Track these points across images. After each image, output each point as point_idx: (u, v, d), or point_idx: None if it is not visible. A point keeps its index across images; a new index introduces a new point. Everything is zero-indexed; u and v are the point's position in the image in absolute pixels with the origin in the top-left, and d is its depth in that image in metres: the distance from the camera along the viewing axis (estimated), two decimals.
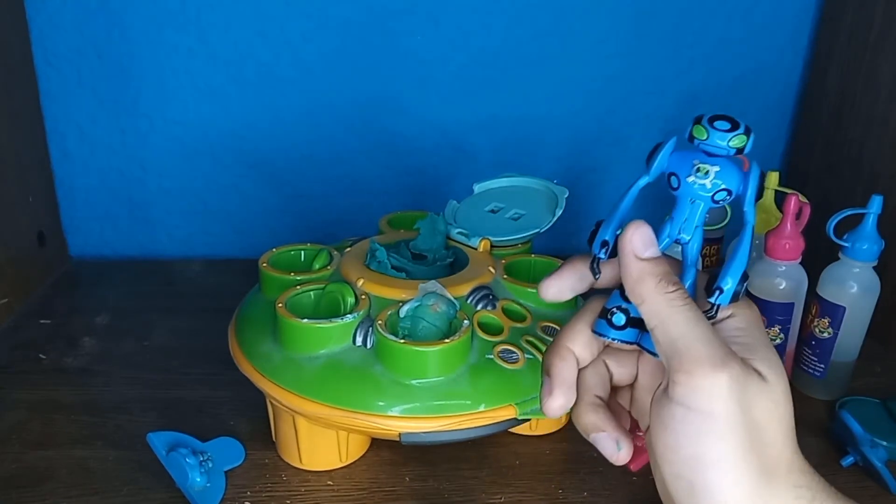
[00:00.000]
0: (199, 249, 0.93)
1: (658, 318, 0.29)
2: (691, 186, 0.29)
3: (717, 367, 0.27)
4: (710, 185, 0.29)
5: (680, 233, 0.30)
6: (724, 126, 0.28)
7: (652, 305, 0.29)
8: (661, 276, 0.29)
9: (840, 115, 0.82)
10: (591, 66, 0.88)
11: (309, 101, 0.87)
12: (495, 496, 0.51)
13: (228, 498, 0.50)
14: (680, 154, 0.30)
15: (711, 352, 0.27)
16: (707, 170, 0.29)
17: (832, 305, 0.61)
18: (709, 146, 0.28)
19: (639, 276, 0.29)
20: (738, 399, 0.27)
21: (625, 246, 0.30)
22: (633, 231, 0.29)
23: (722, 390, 0.27)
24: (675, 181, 0.30)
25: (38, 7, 0.80)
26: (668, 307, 0.29)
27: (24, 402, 0.60)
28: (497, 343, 0.49)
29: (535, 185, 0.64)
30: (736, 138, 0.28)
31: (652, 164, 0.30)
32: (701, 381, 0.27)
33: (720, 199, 0.29)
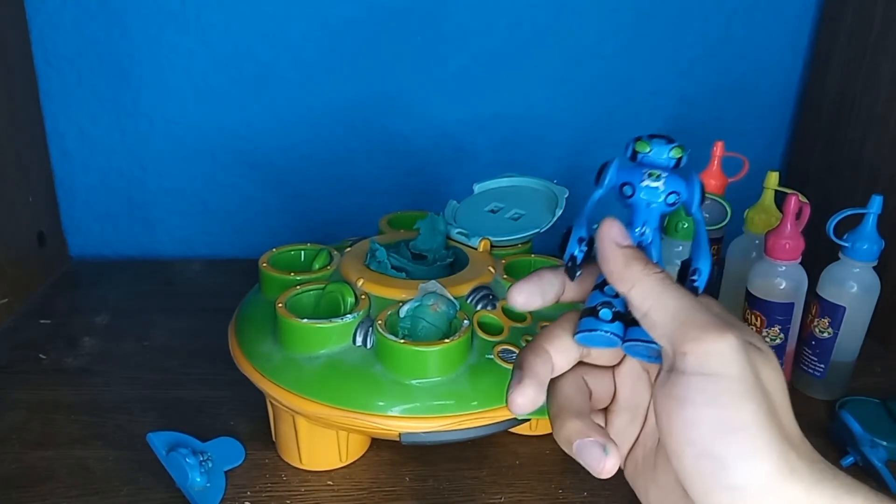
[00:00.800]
0: (199, 249, 0.93)
1: (653, 298, 0.29)
2: (646, 190, 0.31)
3: (723, 330, 0.27)
4: (663, 187, 0.31)
5: (641, 236, 0.32)
6: (662, 141, 0.31)
7: (644, 287, 0.29)
8: (644, 263, 0.30)
9: (840, 115, 0.82)
10: (592, 66, 0.88)
11: (309, 101, 0.87)
12: (495, 496, 0.51)
13: (228, 498, 0.50)
14: (628, 168, 0.32)
15: (713, 318, 0.27)
16: (658, 174, 0.31)
17: (832, 305, 0.61)
18: (651, 158, 0.31)
19: (625, 261, 0.30)
20: (748, 361, 0.27)
21: (604, 237, 0.30)
22: (611, 223, 0.30)
23: (733, 351, 0.27)
24: (630, 189, 0.32)
25: (38, 7, 0.80)
26: (660, 285, 0.29)
27: (24, 402, 0.60)
28: (497, 343, 0.49)
29: (535, 185, 0.64)
30: (675, 149, 0.31)
31: (604, 179, 0.32)
32: (712, 345, 0.27)
33: (671, 203, 0.31)
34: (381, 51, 0.85)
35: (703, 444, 0.26)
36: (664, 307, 0.28)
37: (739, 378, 0.26)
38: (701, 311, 0.28)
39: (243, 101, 0.86)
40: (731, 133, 0.92)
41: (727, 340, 0.27)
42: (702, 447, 0.26)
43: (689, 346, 0.27)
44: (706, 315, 0.28)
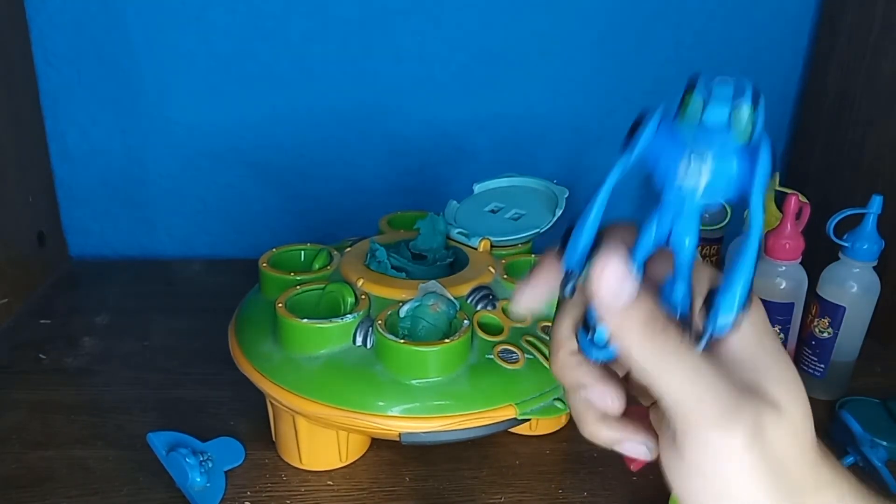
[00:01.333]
0: (199, 249, 0.93)
1: (649, 373, 0.25)
2: (680, 190, 0.23)
3: (727, 425, 0.24)
4: (703, 187, 0.23)
5: (669, 240, 0.25)
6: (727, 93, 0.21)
7: (639, 357, 0.25)
8: (643, 321, 0.24)
9: (840, 115, 0.82)
10: (591, 66, 0.88)
11: (309, 101, 0.87)
12: (495, 496, 0.51)
13: (228, 498, 0.50)
14: (666, 139, 0.23)
15: (718, 407, 0.24)
16: (700, 168, 0.22)
17: (832, 305, 0.61)
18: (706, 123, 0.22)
19: (617, 328, 0.25)
20: (754, 447, 0.24)
21: (595, 292, 0.24)
22: (602, 272, 0.24)
23: (735, 447, 0.24)
24: (659, 179, 0.24)
25: (38, 7, 0.80)
26: (658, 362, 0.24)
27: (24, 402, 0.60)
28: (497, 343, 0.49)
29: (535, 185, 0.64)
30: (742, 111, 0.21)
31: (633, 145, 0.24)
32: (711, 443, 0.24)
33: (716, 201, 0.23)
34: (381, 51, 0.85)
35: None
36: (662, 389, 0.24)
37: (740, 471, 0.24)
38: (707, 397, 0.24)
39: (243, 101, 0.86)
40: None
41: (729, 437, 0.24)
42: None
43: (687, 438, 0.25)
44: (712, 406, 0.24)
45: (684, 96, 0.22)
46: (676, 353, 0.24)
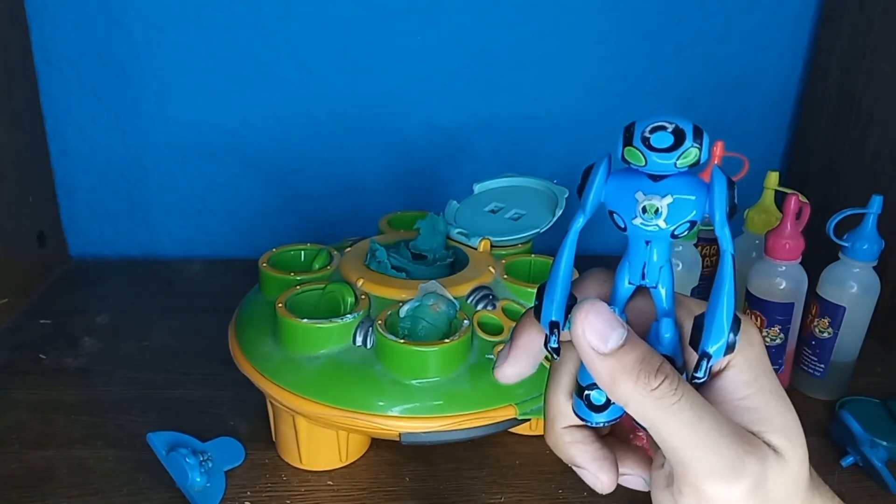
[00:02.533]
0: (199, 249, 0.93)
1: (649, 422, 0.24)
2: (641, 229, 0.23)
3: (730, 480, 0.23)
4: (666, 224, 0.22)
5: (643, 278, 0.24)
6: (664, 142, 0.21)
7: (637, 408, 0.24)
8: (637, 369, 0.23)
9: (840, 115, 0.82)
10: (591, 66, 0.88)
11: (309, 101, 0.87)
12: (495, 496, 0.51)
13: (228, 498, 0.50)
14: (618, 182, 0.23)
15: (722, 460, 0.23)
16: (657, 206, 0.22)
17: (832, 305, 0.61)
18: (654, 171, 0.22)
19: (610, 378, 0.23)
20: (756, 497, 0.23)
21: (581, 344, 0.23)
22: (583, 321, 0.23)
23: (736, 497, 0.23)
24: (620, 220, 0.23)
25: (38, 7, 0.80)
26: (657, 410, 0.23)
27: (24, 402, 0.60)
28: (497, 343, 0.49)
29: (535, 185, 0.64)
30: (686, 154, 0.21)
31: (586, 199, 0.24)
32: (714, 499, 0.23)
33: (681, 233, 0.23)
34: (381, 51, 0.85)
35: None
36: (662, 438, 0.23)
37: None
38: (710, 449, 0.23)
39: (243, 101, 0.86)
40: (731, 133, 0.92)
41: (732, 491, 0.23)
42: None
43: (686, 489, 0.24)
44: (714, 458, 0.23)
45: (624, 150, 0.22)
46: (675, 404, 0.23)
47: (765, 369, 0.26)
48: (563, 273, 0.25)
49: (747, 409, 0.25)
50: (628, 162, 0.22)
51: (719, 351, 0.23)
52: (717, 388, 0.25)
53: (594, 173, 0.24)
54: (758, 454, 0.24)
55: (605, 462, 0.27)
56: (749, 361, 0.25)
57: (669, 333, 0.25)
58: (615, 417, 0.26)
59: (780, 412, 0.25)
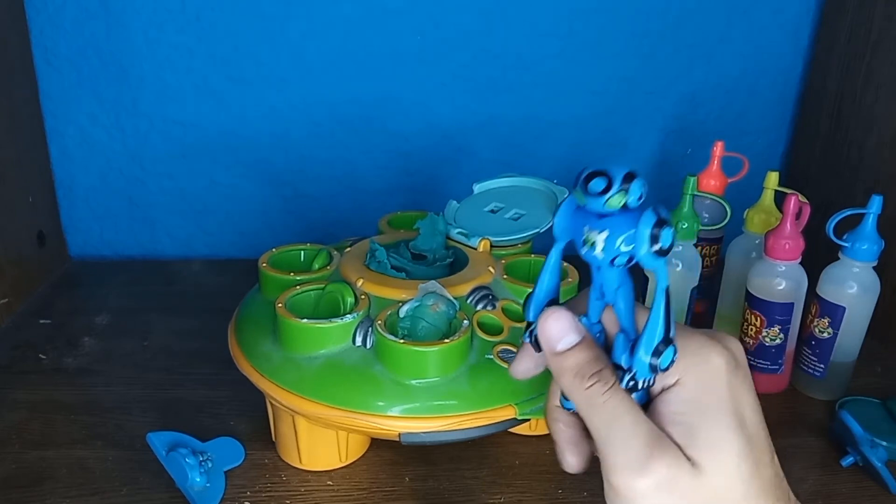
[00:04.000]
0: (199, 249, 0.93)
1: (581, 414, 0.28)
2: (587, 257, 0.27)
3: (635, 474, 0.26)
4: (603, 254, 0.26)
5: (603, 297, 0.28)
6: (597, 187, 0.25)
7: (575, 401, 0.28)
8: (576, 369, 0.27)
9: (840, 115, 0.82)
10: (591, 66, 0.88)
11: (309, 101, 0.87)
12: (495, 496, 0.51)
13: (228, 498, 0.50)
14: (577, 217, 0.27)
15: (629, 457, 0.26)
16: (594, 240, 0.26)
17: (832, 305, 0.61)
18: (593, 210, 0.26)
19: (556, 372, 0.28)
20: (664, 500, 0.26)
21: (541, 341, 0.29)
22: (543, 323, 0.28)
23: (643, 497, 0.26)
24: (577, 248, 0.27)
25: (38, 7, 0.80)
26: (585, 404, 0.27)
27: (24, 402, 0.60)
28: (497, 343, 0.49)
29: (535, 185, 0.64)
30: (612, 199, 0.25)
31: (554, 229, 0.28)
32: (620, 490, 0.26)
33: (622, 264, 0.26)
34: (381, 51, 0.85)
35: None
36: (590, 428, 0.28)
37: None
38: (622, 445, 0.26)
39: (243, 101, 0.86)
40: (731, 133, 0.92)
41: (636, 487, 0.26)
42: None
43: (606, 475, 0.27)
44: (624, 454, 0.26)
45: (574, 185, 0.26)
46: (602, 401, 0.27)
47: (713, 388, 0.28)
48: (545, 283, 0.30)
49: (677, 424, 0.28)
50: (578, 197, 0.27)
51: (642, 372, 0.27)
52: (660, 399, 0.29)
53: (561, 209, 0.28)
54: (667, 459, 0.26)
55: (575, 447, 0.31)
56: (697, 380, 0.28)
57: (622, 344, 0.29)
58: None
59: (712, 431, 0.27)
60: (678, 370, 0.28)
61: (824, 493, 0.52)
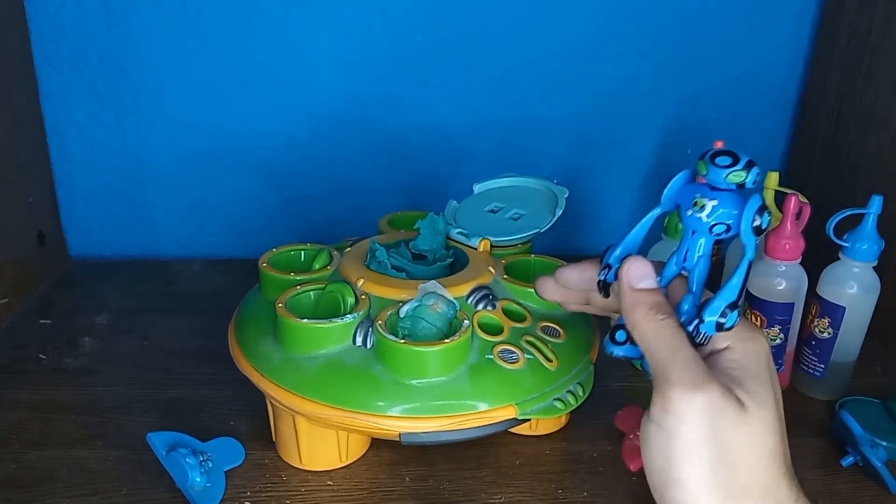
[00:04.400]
0: (199, 249, 0.93)
1: (646, 343, 0.31)
2: (691, 219, 0.31)
3: (690, 390, 0.29)
4: (707, 219, 0.30)
5: (685, 261, 0.32)
6: (724, 161, 0.29)
7: (641, 331, 0.31)
8: (651, 304, 0.31)
9: (840, 116, 0.82)
10: (591, 66, 0.88)
11: (309, 101, 0.87)
12: (495, 496, 0.51)
13: (228, 498, 0.50)
14: (689, 187, 0.32)
15: (688, 375, 0.29)
16: (704, 204, 0.30)
17: (832, 305, 0.61)
18: (711, 181, 0.30)
19: (631, 304, 0.32)
20: (709, 423, 0.29)
21: (621, 277, 0.32)
22: (630, 265, 0.32)
23: (692, 413, 0.29)
24: (681, 213, 0.32)
25: (38, 7, 0.80)
26: (653, 333, 0.31)
27: (24, 402, 0.60)
28: (497, 343, 0.49)
29: (535, 185, 0.64)
30: (734, 174, 0.29)
31: (663, 195, 0.32)
32: (673, 404, 0.29)
33: (719, 233, 0.30)
34: (381, 51, 0.85)
35: (652, 480, 0.31)
36: (652, 355, 0.31)
37: (690, 438, 0.29)
38: (682, 366, 0.29)
39: (243, 101, 0.86)
40: (730, 133, 0.92)
41: (690, 402, 0.29)
42: (652, 482, 0.31)
43: (657, 397, 0.30)
44: (683, 372, 0.29)
45: (697, 163, 0.31)
46: (669, 331, 0.31)
47: (758, 358, 0.32)
48: (629, 237, 0.34)
49: (728, 374, 0.31)
50: (698, 172, 0.31)
51: (710, 324, 0.31)
52: (713, 359, 0.32)
53: (672, 179, 0.32)
54: (720, 387, 0.29)
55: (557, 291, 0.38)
56: (745, 350, 0.32)
57: (688, 306, 0.32)
58: (626, 356, 0.33)
59: (755, 384, 0.30)
60: (729, 338, 0.32)
61: (824, 493, 0.52)
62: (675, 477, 0.29)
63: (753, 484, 0.29)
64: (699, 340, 0.31)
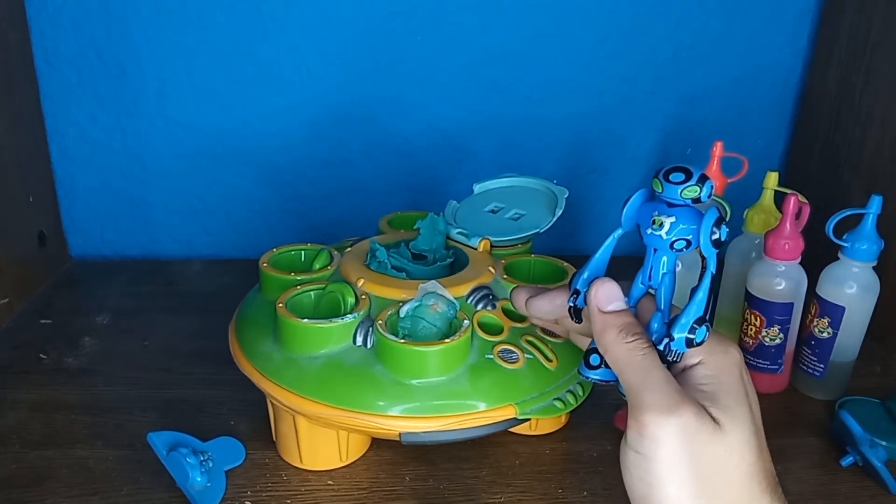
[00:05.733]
0: (199, 249, 0.93)
1: (618, 366, 0.31)
2: (651, 237, 0.31)
3: (663, 414, 0.29)
4: (666, 236, 0.30)
5: (650, 280, 0.32)
6: (677, 178, 0.29)
7: (612, 355, 0.31)
8: (620, 326, 0.31)
9: (840, 116, 0.82)
10: (591, 66, 0.88)
11: (309, 101, 0.87)
12: (495, 496, 0.51)
13: (228, 498, 0.50)
14: (647, 206, 0.32)
15: (661, 399, 0.29)
16: (662, 221, 0.30)
17: (832, 305, 0.61)
18: (667, 198, 0.30)
19: (601, 328, 0.32)
20: (684, 446, 0.28)
21: (590, 301, 0.32)
22: (597, 288, 0.32)
23: (667, 437, 0.28)
24: (642, 231, 0.32)
25: (38, 7, 0.80)
26: (625, 356, 0.31)
27: (24, 402, 0.60)
28: (497, 343, 0.49)
29: (535, 185, 0.64)
30: (688, 189, 0.29)
31: (622, 215, 0.32)
32: (648, 428, 0.29)
33: (680, 249, 0.30)
34: (381, 51, 0.85)
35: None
36: (625, 379, 0.31)
37: (668, 462, 0.29)
38: (655, 389, 0.29)
39: (243, 101, 0.86)
40: (730, 133, 0.92)
41: (665, 426, 0.28)
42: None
43: (632, 422, 0.30)
44: (656, 396, 0.29)
45: (652, 181, 0.30)
46: (640, 354, 0.30)
47: (730, 371, 0.31)
48: (594, 260, 0.34)
49: (702, 391, 0.31)
50: (654, 190, 0.31)
51: (680, 340, 0.30)
52: (685, 375, 0.32)
53: (630, 199, 0.32)
54: (695, 408, 0.29)
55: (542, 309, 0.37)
56: (717, 364, 0.31)
57: (658, 324, 0.32)
58: (602, 380, 0.33)
59: (730, 399, 0.30)
60: (701, 353, 0.32)
61: (824, 493, 0.52)
62: (654, 502, 0.29)
63: (734, 502, 0.29)
64: (671, 358, 0.31)
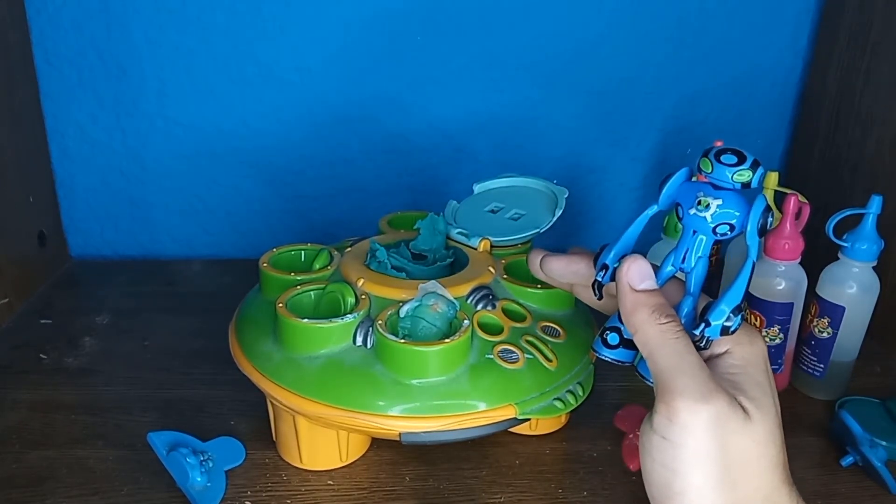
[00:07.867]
0: (199, 249, 0.93)
1: (648, 348, 0.30)
2: (693, 218, 0.29)
3: (697, 402, 0.28)
4: (711, 219, 0.29)
5: (683, 262, 0.31)
6: (729, 160, 0.28)
7: (643, 335, 0.30)
8: (654, 307, 0.30)
9: (840, 115, 0.82)
10: (591, 66, 0.88)
11: (309, 101, 0.87)
12: (495, 496, 0.51)
13: (229, 498, 0.50)
14: (689, 185, 0.30)
15: (694, 385, 0.28)
16: (708, 203, 0.29)
17: (832, 305, 0.61)
18: (715, 179, 0.29)
19: (632, 306, 0.31)
20: (714, 435, 0.28)
21: (621, 277, 0.31)
22: (630, 264, 0.31)
23: (698, 425, 0.28)
24: (681, 211, 0.30)
25: (38, 7, 0.80)
26: (658, 338, 0.30)
27: (24, 402, 0.60)
28: (497, 343, 0.49)
29: (535, 185, 0.64)
30: (739, 173, 0.28)
31: (661, 193, 0.31)
32: (680, 415, 0.28)
33: (722, 233, 0.29)
34: (381, 51, 0.85)
35: (652, 491, 0.30)
36: (655, 361, 0.30)
37: (695, 450, 0.28)
38: (688, 375, 0.28)
39: (243, 101, 0.86)
40: (730, 133, 0.92)
41: (696, 414, 0.28)
42: (652, 493, 0.30)
43: (661, 407, 0.29)
44: (690, 381, 0.28)
45: (700, 160, 0.29)
46: (673, 337, 0.29)
47: (757, 363, 0.31)
48: (625, 236, 0.33)
49: (730, 380, 0.30)
50: (700, 169, 0.30)
51: (716, 327, 0.30)
52: (712, 363, 0.31)
53: (672, 176, 0.31)
54: (726, 396, 0.28)
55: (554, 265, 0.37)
56: (744, 354, 0.31)
57: (688, 309, 0.32)
58: (618, 360, 0.33)
59: (757, 391, 0.30)
60: (729, 342, 0.31)
61: (824, 493, 0.52)
62: (677, 489, 0.28)
63: (756, 492, 0.29)
64: (702, 345, 0.30)
